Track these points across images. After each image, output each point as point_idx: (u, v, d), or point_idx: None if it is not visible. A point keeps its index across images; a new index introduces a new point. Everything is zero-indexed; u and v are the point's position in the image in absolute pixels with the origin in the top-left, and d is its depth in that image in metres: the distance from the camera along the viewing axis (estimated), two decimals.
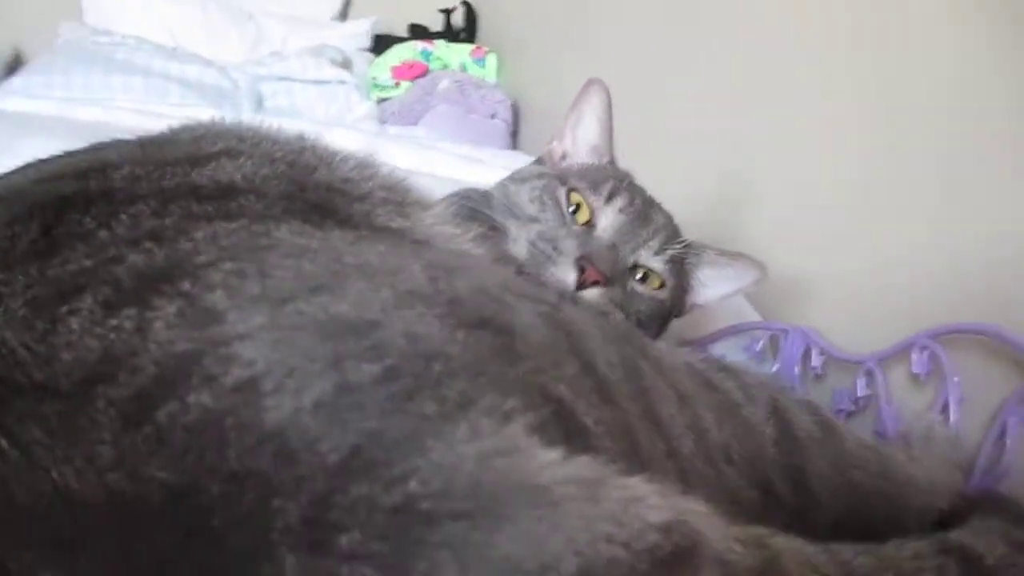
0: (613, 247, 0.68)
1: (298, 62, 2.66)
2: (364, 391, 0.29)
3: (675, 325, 0.92)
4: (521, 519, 0.27)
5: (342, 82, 2.63)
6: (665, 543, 0.28)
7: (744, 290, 0.79)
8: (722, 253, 0.78)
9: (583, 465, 0.30)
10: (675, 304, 0.76)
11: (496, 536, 0.26)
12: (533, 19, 2.48)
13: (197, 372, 0.28)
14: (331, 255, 0.36)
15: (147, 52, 2.57)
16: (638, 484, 0.30)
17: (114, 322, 0.30)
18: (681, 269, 0.75)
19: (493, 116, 2.35)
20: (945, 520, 0.55)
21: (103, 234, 0.35)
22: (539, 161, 0.83)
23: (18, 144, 0.81)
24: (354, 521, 0.26)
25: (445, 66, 2.66)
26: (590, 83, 0.80)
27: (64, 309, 0.31)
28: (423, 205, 0.53)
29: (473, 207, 0.69)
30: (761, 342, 0.92)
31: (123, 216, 0.36)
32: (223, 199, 0.40)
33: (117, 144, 0.49)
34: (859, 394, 0.79)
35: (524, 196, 0.71)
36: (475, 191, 0.75)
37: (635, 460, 0.36)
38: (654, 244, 0.71)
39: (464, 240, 0.52)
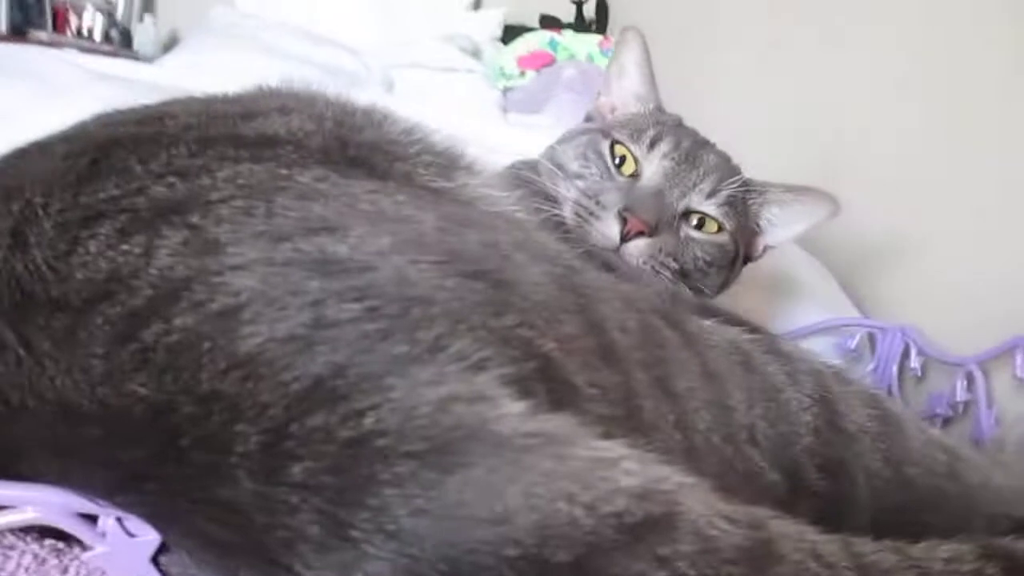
0: (658, 194, 0.66)
1: (428, 49, 2.73)
2: (339, 327, 0.29)
3: (764, 314, 0.89)
4: (476, 466, 0.27)
5: (470, 70, 2.68)
6: (636, 509, 0.28)
7: (817, 226, 0.75)
8: (788, 189, 0.74)
9: (554, 421, 0.29)
10: (742, 247, 0.73)
11: (448, 480, 0.26)
12: (664, 10, 2.45)
13: (187, 296, 0.30)
14: (344, 200, 0.37)
15: (289, 36, 2.70)
16: (614, 447, 0.30)
17: (125, 247, 0.33)
18: (744, 210, 0.72)
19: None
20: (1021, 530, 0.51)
21: (137, 168, 0.37)
22: (588, 118, 0.82)
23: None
24: (308, 451, 0.27)
25: (571, 56, 2.66)
26: (626, 32, 0.80)
27: (85, 233, 0.33)
28: (471, 172, 0.53)
29: (523, 176, 0.68)
30: (857, 339, 0.88)
31: (162, 155, 0.39)
32: (261, 147, 0.42)
33: (186, 99, 0.52)
34: (958, 398, 0.74)
35: (569, 154, 0.71)
36: (524, 161, 0.75)
37: (631, 426, 0.35)
38: (705, 187, 0.68)
39: (507, 204, 0.52)
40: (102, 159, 0.38)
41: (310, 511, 0.26)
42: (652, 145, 0.69)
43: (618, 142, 0.70)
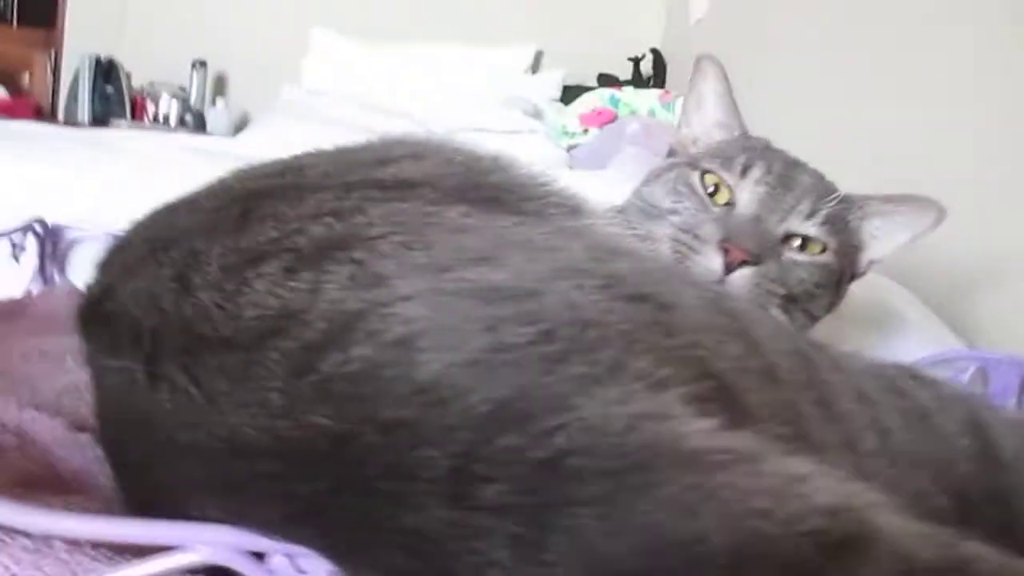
0: (756, 220, 0.64)
1: (490, 113, 2.78)
2: (517, 350, 0.29)
3: (866, 350, 0.86)
4: (670, 485, 0.25)
5: (532, 131, 2.72)
6: (832, 527, 0.26)
7: (923, 235, 0.71)
8: (888, 199, 0.71)
9: (742, 437, 0.28)
10: (847, 265, 0.70)
11: (643, 500, 0.25)
12: (724, 59, 2.46)
13: (361, 327, 0.30)
14: (494, 233, 0.37)
15: (355, 109, 2.79)
16: (803, 463, 0.28)
17: (293, 284, 0.33)
18: (844, 226, 0.69)
19: None
20: None
21: (290, 213, 0.38)
22: (671, 152, 0.80)
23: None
24: (500, 473, 0.26)
25: (633, 111, 2.67)
26: (700, 61, 0.78)
27: (251, 273, 0.34)
28: (596, 215, 0.53)
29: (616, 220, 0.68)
30: (968, 373, 0.84)
31: (310, 200, 0.39)
32: (401, 189, 0.42)
33: (317, 152, 0.53)
34: None
35: (659, 192, 0.69)
36: (611, 209, 0.74)
37: (804, 446, 0.33)
38: (803, 208, 0.66)
39: (633, 241, 0.52)
40: (252, 208, 0.39)
41: (502, 535, 0.25)
42: (744, 171, 0.67)
43: (708, 171, 0.68)
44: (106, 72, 2.95)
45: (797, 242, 0.67)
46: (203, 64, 3.14)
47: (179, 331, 0.33)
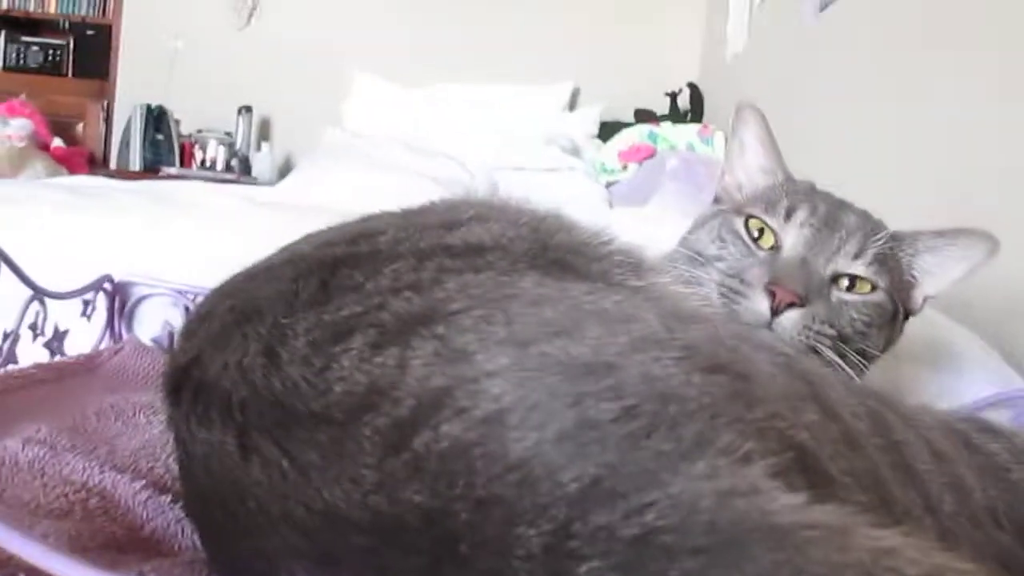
0: (802, 262, 0.64)
1: (529, 152, 2.81)
2: (603, 427, 0.29)
3: (926, 391, 0.86)
4: (762, 561, 0.25)
5: (571, 168, 2.74)
6: None
7: (978, 268, 0.70)
8: (939, 234, 0.70)
9: (829, 511, 0.28)
10: (900, 302, 0.69)
11: None
12: (760, 97, 2.46)
13: (450, 404, 0.31)
14: (570, 303, 0.38)
15: (396, 150, 2.83)
16: (891, 536, 0.28)
17: (379, 359, 0.34)
18: (895, 264, 0.68)
19: None
20: None
21: (370, 286, 0.39)
22: (717, 199, 0.80)
23: (293, 224, 0.92)
24: (594, 550, 0.26)
25: (672, 147, 2.68)
26: (741, 109, 0.78)
27: (338, 348, 0.35)
28: (657, 271, 0.53)
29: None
30: None
31: (386, 271, 0.40)
32: (472, 255, 0.43)
33: (382, 214, 0.54)
34: None
35: (704, 239, 0.69)
36: (658, 259, 0.74)
37: (887, 512, 0.33)
38: (850, 248, 0.65)
39: (696, 299, 0.52)
40: (330, 279, 0.40)
41: None
42: (788, 215, 0.67)
43: (753, 216, 0.68)
44: (156, 120, 3.06)
45: (845, 282, 0.66)
46: (248, 110, 3.22)
47: (269, 405, 0.34)
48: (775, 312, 0.61)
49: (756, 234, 0.68)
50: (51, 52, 3.37)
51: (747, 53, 2.70)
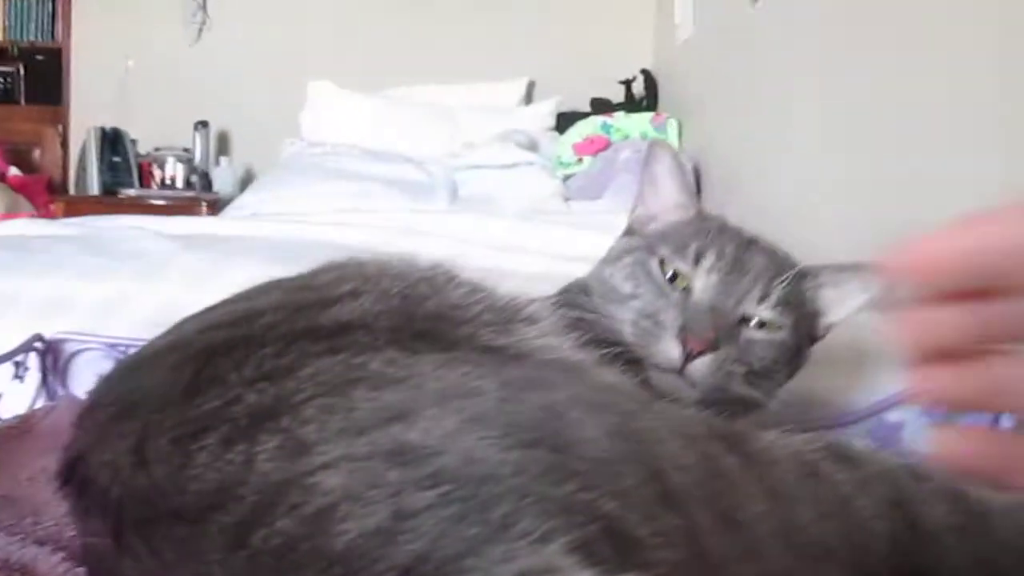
0: (712, 309, 0.66)
1: (487, 149, 2.83)
2: (417, 516, 0.32)
3: (850, 387, 0.89)
4: None
5: (529, 163, 2.75)
6: None
7: (876, 297, 0.73)
8: (841, 268, 0.73)
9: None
10: (805, 336, 0.72)
11: None
12: (711, 81, 2.49)
13: (286, 501, 0.33)
14: (413, 383, 0.40)
15: (354, 158, 2.85)
16: None
17: (229, 456, 0.36)
18: (800, 301, 0.70)
19: None
20: None
21: (233, 377, 0.41)
22: (629, 230, 0.81)
23: (224, 269, 0.94)
24: None
25: (626, 137, 2.70)
26: (652, 145, 0.80)
27: (195, 446, 0.37)
28: (531, 321, 0.55)
29: (574, 307, 0.69)
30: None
31: (252, 359, 0.42)
32: (337, 336, 0.45)
33: (268, 289, 0.56)
34: None
35: (618, 277, 0.71)
36: (576, 286, 0.76)
37: (700, 566, 0.36)
38: (756, 292, 0.67)
39: (564, 350, 0.54)
40: (203, 368, 0.43)
41: None
42: (697, 259, 0.69)
43: (664, 260, 0.70)
44: (112, 142, 3.04)
45: (753, 322, 0.68)
46: (205, 125, 3.22)
47: (138, 503, 0.36)
48: (687, 359, 0.63)
49: (669, 275, 0.69)
50: (2, 80, 3.34)
51: (695, 38, 2.72)
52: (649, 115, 2.78)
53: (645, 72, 3.26)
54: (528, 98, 3.48)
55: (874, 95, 1.33)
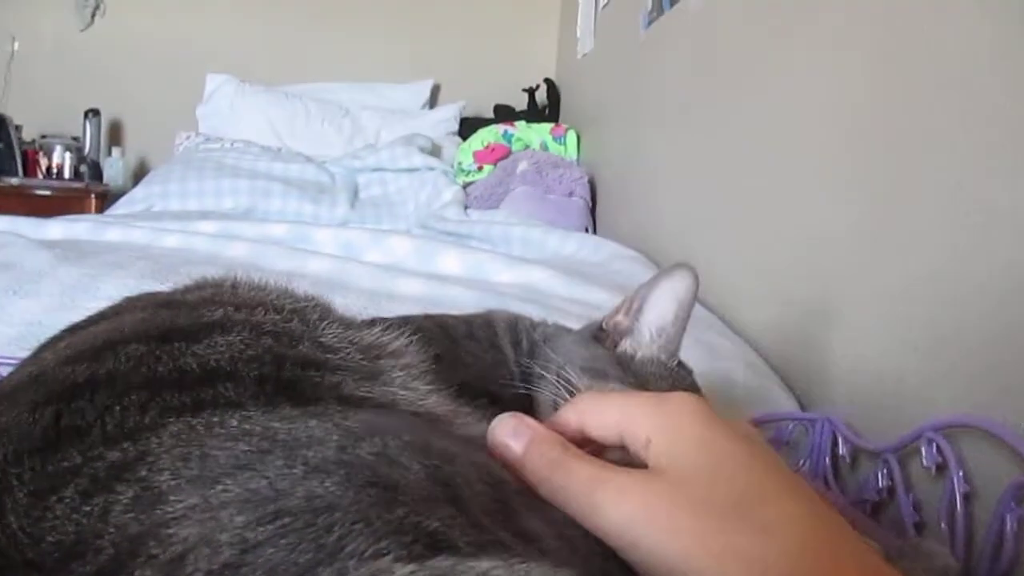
0: None
1: (389, 152, 2.83)
2: (259, 548, 0.34)
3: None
4: None
5: (431, 168, 2.77)
6: None
7: None
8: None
9: (439, 561, 0.34)
10: None
11: None
12: (606, 96, 2.57)
13: (143, 551, 0.34)
14: (265, 435, 0.42)
15: (253, 155, 2.80)
16: (482, 563, 0.33)
17: (87, 508, 0.36)
18: None
19: (571, 194, 2.42)
20: None
21: (95, 432, 0.41)
22: (601, 331, 0.73)
23: (99, 284, 0.94)
24: None
25: (526, 146, 2.75)
26: (678, 267, 0.68)
27: (53, 499, 0.37)
28: (396, 355, 0.57)
29: (533, 342, 0.69)
30: (791, 429, 0.94)
31: (116, 408, 0.43)
32: (202, 386, 0.47)
33: (134, 308, 0.55)
34: (880, 484, 0.79)
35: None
36: (525, 322, 0.75)
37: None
38: None
39: (418, 399, 0.56)
40: (64, 412, 0.43)
41: None
42: None
43: None
44: None
45: None
46: (96, 113, 3.11)
47: None
48: None
49: None
50: None
51: (594, 54, 2.80)
52: (549, 125, 2.84)
53: (548, 81, 3.33)
54: (433, 102, 3.49)
55: (746, 119, 1.41)
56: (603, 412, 0.46)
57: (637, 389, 0.65)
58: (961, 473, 0.70)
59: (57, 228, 1.36)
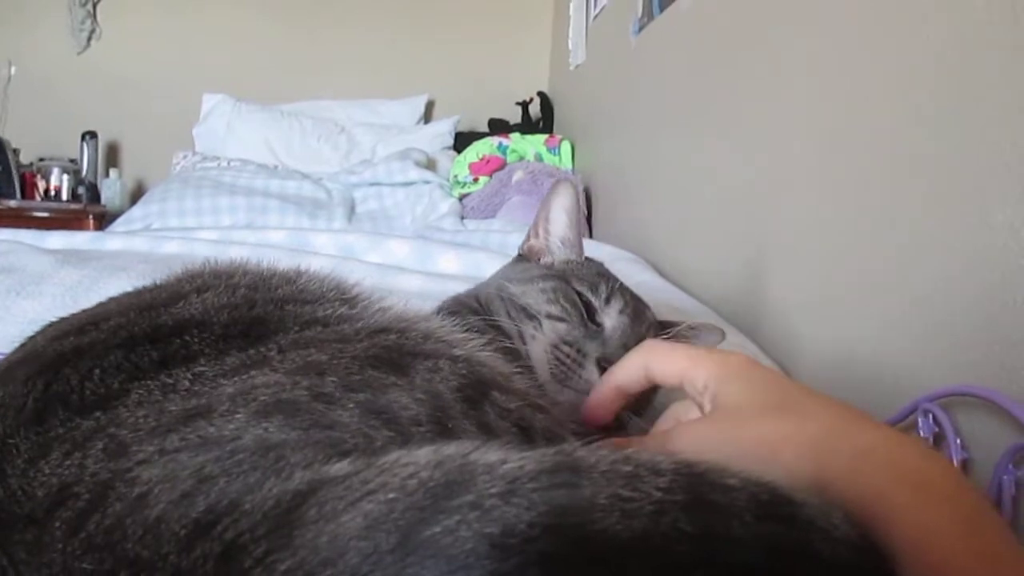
0: (623, 347, 0.73)
1: (385, 167, 2.85)
2: (214, 479, 0.38)
3: None
4: (313, 507, 0.34)
5: (426, 182, 2.79)
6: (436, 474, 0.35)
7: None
8: (691, 327, 0.82)
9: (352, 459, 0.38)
10: None
11: (299, 532, 0.33)
12: (599, 106, 2.59)
13: (112, 492, 0.38)
14: (212, 385, 0.46)
15: (250, 172, 2.82)
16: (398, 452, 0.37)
17: (68, 462, 0.41)
18: None
19: None
20: None
21: (75, 399, 0.46)
22: (521, 258, 0.88)
23: (101, 285, 0.95)
24: (197, 572, 0.34)
25: (521, 157, 2.78)
26: (558, 182, 0.85)
27: (42, 462, 0.42)
28: (365, 298, 0.61)
29: (474, 312, 0.74)
30: None
31: (96, 372, 0.47)
32: (171, 339, 0.50)
33: (121, 296, 0.60)
34: None
35: (538, 297, 0.76)
36: (465, 296, 0.82)
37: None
38: (650, 336, 0.76)
39: (398, 307, 0.60)
40: (53, 381, 0.47)
41: None
42: (608, 300, 0.77)
43: (581, 293, 0.76)
44: None
45: None
46: (93, 136, 3.13)
47: None
48: None
49: (585, 308, 0.76)
50: None
51: (587, 65, 2.83)
52: (544, 136, 2.86)
53: (541, 94, 3.36)
54: (428, 116, 3.52)
55: (737, 120, 1.43)
56: (669, 358, 0.54)
57: (559, 283, 0.78)
58: (958, 440, 0.71)
59: (58, 239, 1.37)
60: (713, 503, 0.34)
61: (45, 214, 2.88)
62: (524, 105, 3.35)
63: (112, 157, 3.33)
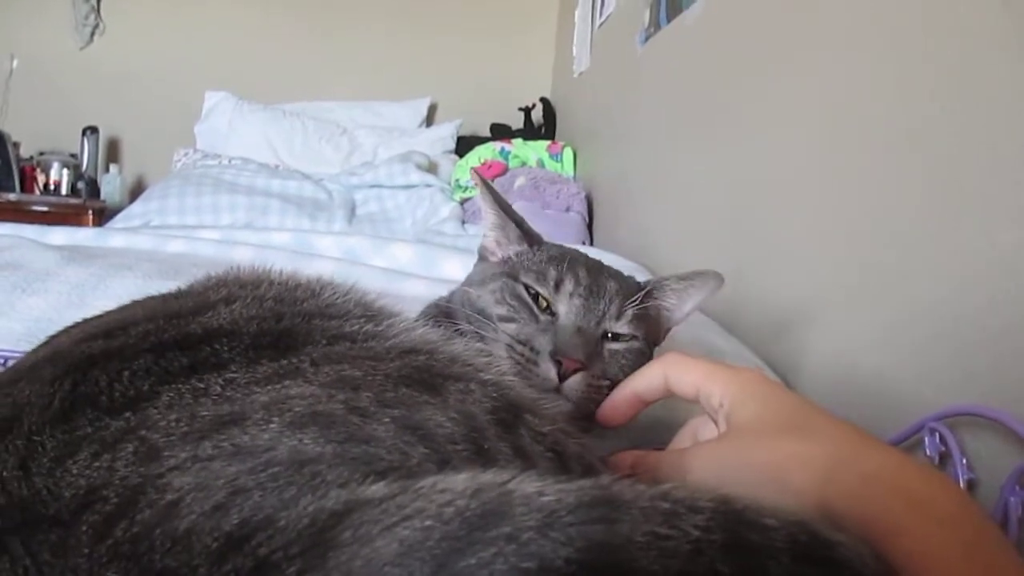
0: (579, 330, 0.72)
1: (386, 169, 2.85)
2: (249, 492, 0.37)
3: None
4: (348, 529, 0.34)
5: (428, 185, 2.79)
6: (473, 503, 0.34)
7: (707, 297, 0.81)
8: (681, 277, 0.81)
9: (389, 481, 0.37)
10: (651, 342, 0.79)
11: (331, 555, 0.33)
12: (603, 113, 2.59)
13: (143, 498, 0.38)
14: (246, 392, 0.45)
15: (251, 172, 2.81)
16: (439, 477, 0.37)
17: (96, 464, 0.40)
18: (647, 313, 0.78)
19: (568, 209, 2.44)
20: None
21: (104, 400, 0.45)
22: (481, 256, 0.88)
23: (107, 283, 0.95)
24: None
25: (523, 163, 2.78)
26: (473, 175, 0.87)
27: (70, 461, 0.41)
28: (389, 315, 0.61)
29: (444, 317, 0.75)
30: None
31: (125, 374, 0.47)
32: (200, 346, 0.50)
33: (146, 301, 0.59)
34: None
35: (489, 299, 0.76)
36: (434, 308, 0.81)
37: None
38: (613, 311, 0.74)
39: (422, 328, 0.60)
40: (81, 382, 0.46)
41: None
42: (557, 286, 0.75)
43: (528, 286, 0.75)
44: None
45: (612, 336, 0.75)
46: (94, 131, 3.12)
47: (20, 511, 0.39)
48: (562, 378, 0.69)
49: (533, 300, 0.75)
50: None
51: (591, 72, 2.83)
52: (546, 142, 2.86)
53: (544, 100, 3.36)
54: (430, 120, 3.52)
55: (741, 129, 1.43)
56: (688, 371, 0.56)
57: (506, 280, 0.77)
58: (964, 460, 0.71)
59: (60, 235, 1.36)
60: (751, 544, 0.34)
61: (44, 208, 2.87)
62: (527, 110, 3.35)
63: (112, 152, 3.32)
